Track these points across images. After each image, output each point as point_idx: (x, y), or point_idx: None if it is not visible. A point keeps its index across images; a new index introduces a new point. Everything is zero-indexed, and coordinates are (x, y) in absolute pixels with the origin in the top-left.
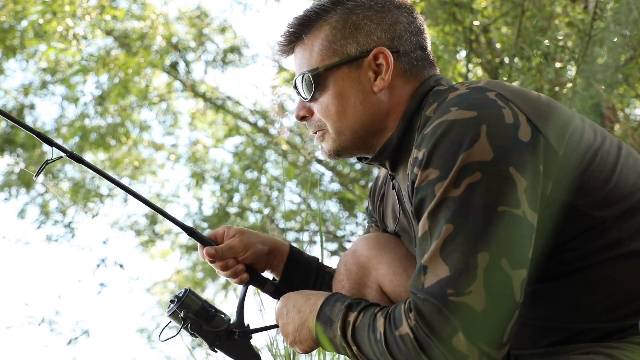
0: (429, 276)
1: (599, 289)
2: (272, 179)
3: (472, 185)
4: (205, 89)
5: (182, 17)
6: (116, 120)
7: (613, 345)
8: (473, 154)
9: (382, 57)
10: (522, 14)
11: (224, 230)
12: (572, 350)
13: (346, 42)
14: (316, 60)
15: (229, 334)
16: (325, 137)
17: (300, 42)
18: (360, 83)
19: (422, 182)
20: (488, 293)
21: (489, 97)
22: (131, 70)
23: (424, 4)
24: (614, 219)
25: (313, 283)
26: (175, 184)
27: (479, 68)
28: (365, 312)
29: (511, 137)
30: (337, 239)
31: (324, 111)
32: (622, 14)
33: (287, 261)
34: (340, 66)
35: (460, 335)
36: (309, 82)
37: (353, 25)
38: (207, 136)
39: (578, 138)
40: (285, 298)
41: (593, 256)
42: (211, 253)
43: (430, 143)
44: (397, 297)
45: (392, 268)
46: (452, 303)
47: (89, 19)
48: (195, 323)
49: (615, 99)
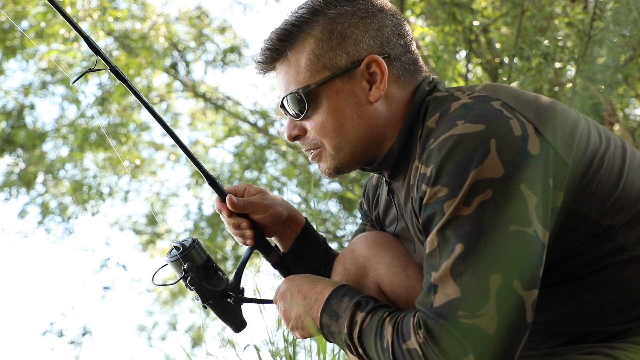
0: (438, 295)
1: (604, 294)
2: (272, 179)
3: (483, 204)
4: (205, 89)
5: (182, 17)
6: (117, 120)
7: (614, 345)
8: (484, 170)
9: (374, 65)
10: (521, 14)
11: (245, 187)
12: (573, 351)
13: (335, 54)
14: (304, 77)
15: (223, 295)
16: (322, 156)
17: (283, 59)
18: (355, 95)
19: (431, 200)
20: (500, 316)
21: (495, 107)
22: (132, 71)
23: (424, 4)
24: (620, 226)
25: (320, 261)
26: (175, 183)
27: (478, 68)
28: (374, 315)
29: (521, 151)
30: (337, 239)
31: (320, 128)
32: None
33: (301, 232)
34: (332, 80)
35: (470, 357)
36: (301, 101)
37: (339, 35)
38: (207, 136)
39: (585, 143)
40: (290, 281)
41: (598, 262)
42: (234, 202)
43: (438, 159)
44: (396, 297)
45: (391, 268)
46: (463, 325)
47: (90, 20)
48: (195, 277)
49: (615, 99)
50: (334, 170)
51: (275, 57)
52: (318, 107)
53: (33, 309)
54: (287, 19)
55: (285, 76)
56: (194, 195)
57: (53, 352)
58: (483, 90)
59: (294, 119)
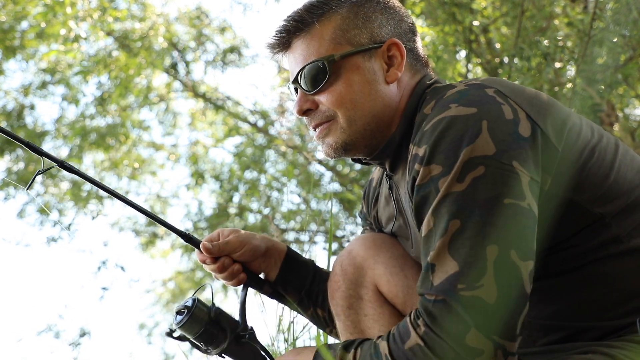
0: (437, 273)
1: (598, 287)
2: (272, 179)
3: (476, 179)
4: (205, 89)
5: (182, 17)
6: (116, 120)
7: (611, 344)
8: (476, 148)
9: (395, 48)
10: (521, 14)
11: (218, 232)
12: (570, 350)
13: (359, 31)
14: (328, 48)
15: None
16: (332, 130)
17: (305, 32)
18: (374, 72)
19: (425, 179)
20: (499, 285)
21: (488, 93)
22: (132, 71)
23: (424, 4)
24: (613, 215)
25: (310, 282)
26: (175, 184)
27: (478, 68)
28: (363, 345)
29: (512, 132)
30: (337, 239)
31: (337, 99)
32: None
33: (284, 259)
34: (355, 55)
35: (473, 331)
36: (322, 70)
37: (365, 16)
38: (207, 136)
39: (576, 135)
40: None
41: (592, 253)
42: (208, 247)
43: (431, 139)
44: (393, 297)
45: (389, 268)
46: (464, 298)
47: (90, 20)
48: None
49: (615, 99)
50: (341, 145)
51: (300, 28)
52: (338, 79)
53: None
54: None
55: (305, 49)
56: (194, 196)
57: (52, 353)
58: (480, 80)
59: (307, 93)
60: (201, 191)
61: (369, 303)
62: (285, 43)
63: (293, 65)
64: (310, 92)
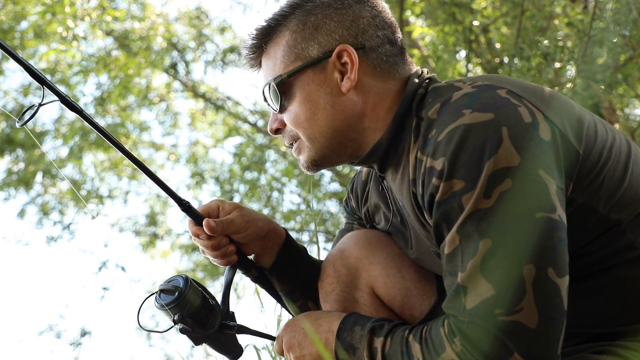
0: (470, 296)
1: (613, 294)
2: (272, 179)
3: (504, 194)
4: (205, 89)
5: (182, 17)
6: (116, 120)
7: (625, 344)
8: (499, 159)
9: (345, 55)
10: (521, 14)
11: (218, 204)
12: (585, 350)
13: (307, 44)
14: (279, 68)
15: (220, 329)
16: (301, 148)
17: (264, 53)
18: (327, 85)
19: (446, 194)
20: (540, 307)
21: (501, 95)
22: (132, 71)
23: (424, 4)
24: (629, 221)
25: (305, 271)
26: (175, 184)
27: (478, 68)
28: (394, 336)
29: (533, 137)
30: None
31: (294, 119)
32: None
33: (283, 244)
34: (304, 70)
35: (515, 356)
36: (275, 92)
37: (312, 26)
38: (207, 136)
39: (593, 134)
40: (291, 327)
41: (607, 260)
42: (212, 226)
43: (448, 151)
44: (390, 300)
45: (386, 269)
46: (503, 323)
47: (89, 20)
48: (188, 327)
49: (614, 99)
50: (311, 163)
51: (255, 51)
52: (292, 99)
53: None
54: (270, 15)
55: (265, 69)
56: (194, 196)
57: (52, 353)
58: (486, 80)
59: (275, 113)
60: (201, 192)
61: (364, 307)
62: (257, 63)
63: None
64: (276, 112)
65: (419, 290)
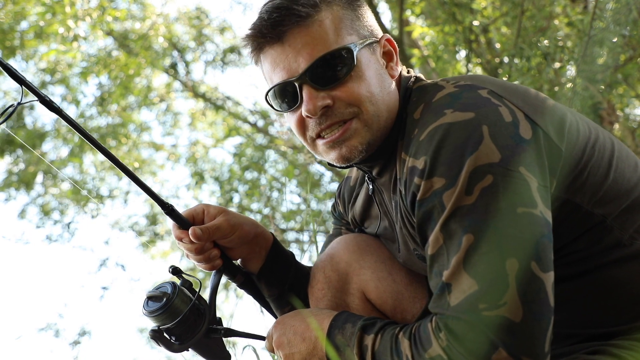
0: (454, 293)
1: (605, 293)
2: (272, 179)
3: (485, 190)
4: (205, 89)
5: (182, 17)
6: (116, 120)
7: (619, 344)
8: (480, 156)
9: (389, 44)
10: (521, 14)
11: (203, 208)
12: (579, 350)
13: (360, 24)
14: (340, 39)
15: (206, 334)
16: (354, 131)
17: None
18: (381, 66)
19: (427, 193)
20: (524, 301)
21: (482, 95)
22: (132, 71)
23: (424, 4)
24: (614, 217)
25: (293, 275)
26: (175, 184)
27: (478, 68)
28: (384, 334)
29: (514, 136)
30: None
31: (360, 92)
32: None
33: (271, 249)
34: (366, 46)
35: (501, 351)
36: (345, 61)
37: (359, 10)
38: (207, 136)
39: (575, 132)
40: (281, 324)
41: (597, 258)
42: (198, 234)
43: (429, 150)
44: (382, 304)
45: (376, 273)
46: (487, 318)
47: (89, 20)
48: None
49: (614, 99)
50: (366, 146)
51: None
52: (358, 71)
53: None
54: None
55: (311, 40)
56: (194, 196)
57: (51, 352)
58: (468, 80)
59: (319, 89)
60: (201, 192)
61: (356, 312)
62: (277, 34)
63: (290, 59)
64: (323, 88)
65: (411, 293)
